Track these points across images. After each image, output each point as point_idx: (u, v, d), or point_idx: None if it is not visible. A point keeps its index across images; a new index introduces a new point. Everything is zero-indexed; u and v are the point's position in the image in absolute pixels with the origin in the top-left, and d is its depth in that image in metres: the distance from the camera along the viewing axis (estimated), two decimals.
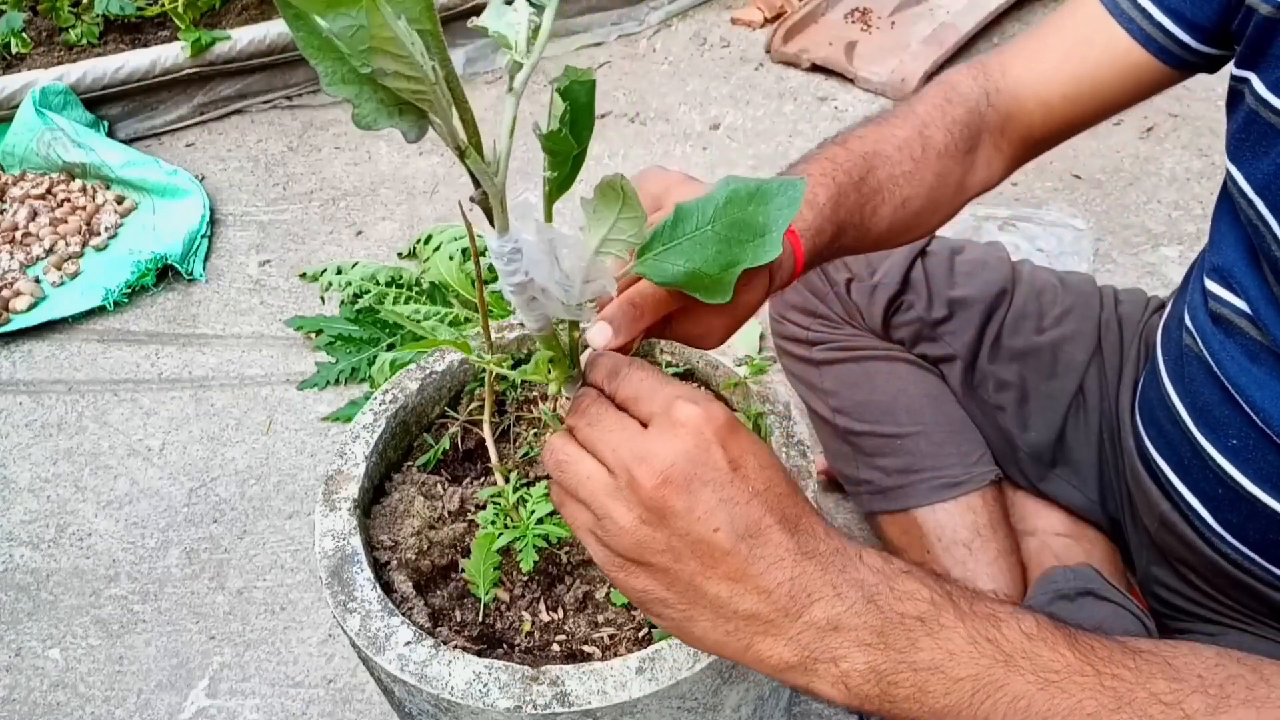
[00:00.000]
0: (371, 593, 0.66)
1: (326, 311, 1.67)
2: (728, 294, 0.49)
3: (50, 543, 1.37)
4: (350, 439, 0.77)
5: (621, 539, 0.47)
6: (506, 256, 0.45)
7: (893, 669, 0.46)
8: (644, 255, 0.50)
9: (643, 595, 0.48)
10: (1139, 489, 0.90)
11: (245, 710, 1.17)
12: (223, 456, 1.47)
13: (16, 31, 2.14)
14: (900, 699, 0.46)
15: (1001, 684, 0.45)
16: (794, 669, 0.47)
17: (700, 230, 0.49)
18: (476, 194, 0.44)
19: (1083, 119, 0.83)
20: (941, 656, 0.46)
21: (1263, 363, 0.72)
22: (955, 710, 0.46)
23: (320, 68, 0.38)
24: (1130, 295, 1.06)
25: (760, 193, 0.49)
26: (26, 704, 1.19)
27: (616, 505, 0.47)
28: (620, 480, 0.47)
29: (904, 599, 0.47)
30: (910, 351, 1.09)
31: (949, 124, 0.81)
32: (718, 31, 2.38)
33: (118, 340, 1.68)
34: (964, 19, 2.19)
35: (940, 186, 0.81)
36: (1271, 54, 0.67)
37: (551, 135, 0.45)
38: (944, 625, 0.46)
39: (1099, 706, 0.45)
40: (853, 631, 0.46)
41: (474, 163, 0.42)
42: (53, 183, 1.93)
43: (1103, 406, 1.01)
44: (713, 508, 0.46)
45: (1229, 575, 0.80)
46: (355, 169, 2.04)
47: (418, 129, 0.41)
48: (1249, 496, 0.74)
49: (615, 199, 0.48)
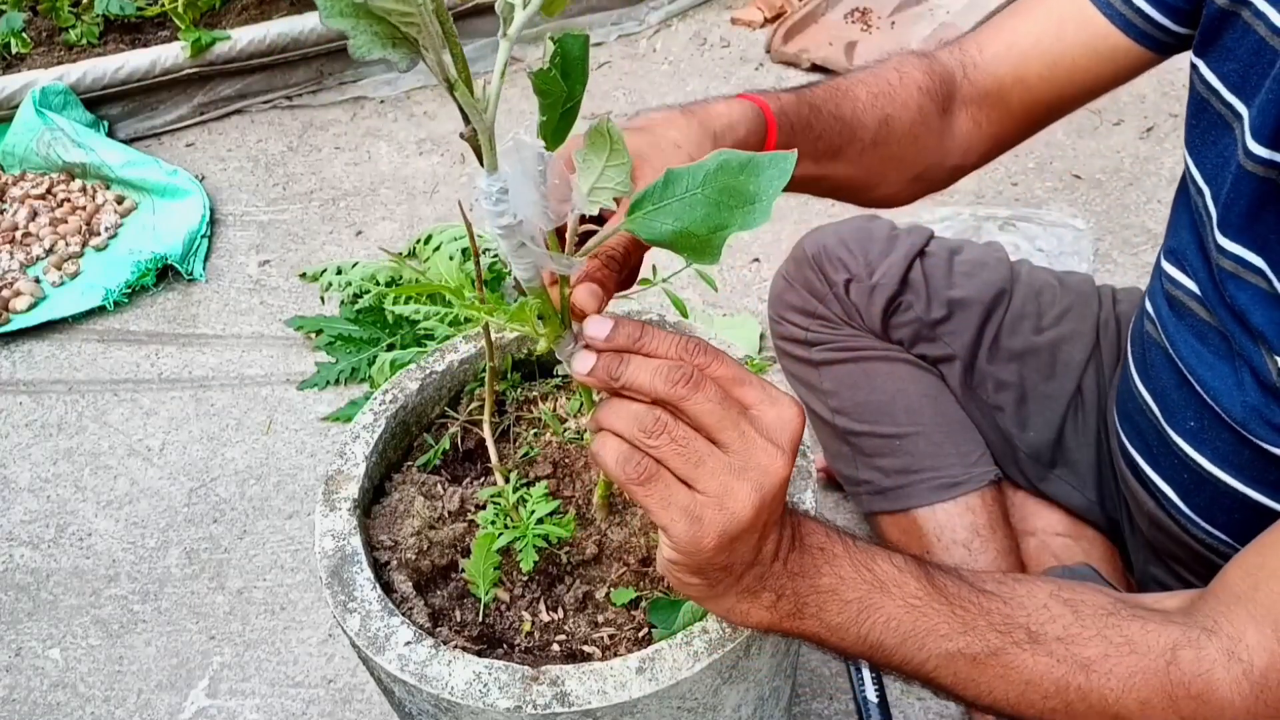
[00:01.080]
0: (371, 593, 0.66)
1: (326, 311, 1.67)
2: (716, 255, 0.50)
3: (50, 543, 1.37)
4: (350, 439, 0.77)
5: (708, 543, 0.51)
6: (495, 196, 0.46)
7: (806, 592, 0.56)
8: (634, 213, 0.51)
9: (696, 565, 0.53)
10: (1128, 487, 0.90)
11: (245, 710, 1.17)
12: (223, 456, 1.47)
13: (16, 31, 2.14)
14: (808, 615, 0.56)
15: (879, 606, 0.56)
16: (746, 601, 0.56)
17: (690, 193, 0.50)
18: (466, 130, 0.45)
19: (1062, 100, 0.83)
20: (835, 581, 0.56)
21: (1210, 342, 0.73)
22: (845, 626, 0.56)
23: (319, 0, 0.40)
24: (1128, 295, 1.06)
25: (751, 164, 0.50)
26: (26, 704, 1.19)
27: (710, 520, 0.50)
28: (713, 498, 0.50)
29: (810, 534, 0.57)
30: (909, 352, 1.09)
31: (925, 69, 0.83)
32: (718, 31, 2.38)
33: (118, 340, 1.68)
34: (964, 19, 2.19)
35: (923, 123, 0.81)
36: (1222, 45, 0.69)
37: (541, 74, 0.47)
38: (835, 555, 0.57)
39: (950, 629, 0.57)
40: (787, 565, 0.56)
41: (463, 96, 0.43)
42: (53, 183, 1.93)
43: (1101, 406, 1.01)
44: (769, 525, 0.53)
45: (1214, 565, 0.81)
46: (355, 169, 2.04)
47: (409, 59, 0.42)
48: (1211, 479, 0.76)
49: (604, 145, 0.49)
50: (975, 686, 0.58)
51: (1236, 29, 0.68)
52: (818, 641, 0.58)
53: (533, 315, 0.52)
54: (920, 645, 0.57)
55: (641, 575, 0.72)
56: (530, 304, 0.52)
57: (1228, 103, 0.69)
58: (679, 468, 0.50)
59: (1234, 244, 0.68)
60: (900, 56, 0.84)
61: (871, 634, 0.56)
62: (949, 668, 0.58)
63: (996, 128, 0.85)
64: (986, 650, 0.57)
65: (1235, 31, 0.68)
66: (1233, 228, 0.68)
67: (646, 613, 0.68)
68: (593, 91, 2.19)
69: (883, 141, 0.79)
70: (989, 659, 0.57)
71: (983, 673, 0.58)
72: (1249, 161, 0.66)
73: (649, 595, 0.70)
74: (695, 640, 0.62)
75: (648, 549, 0.72)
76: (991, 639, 0.57)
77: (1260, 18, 0.65)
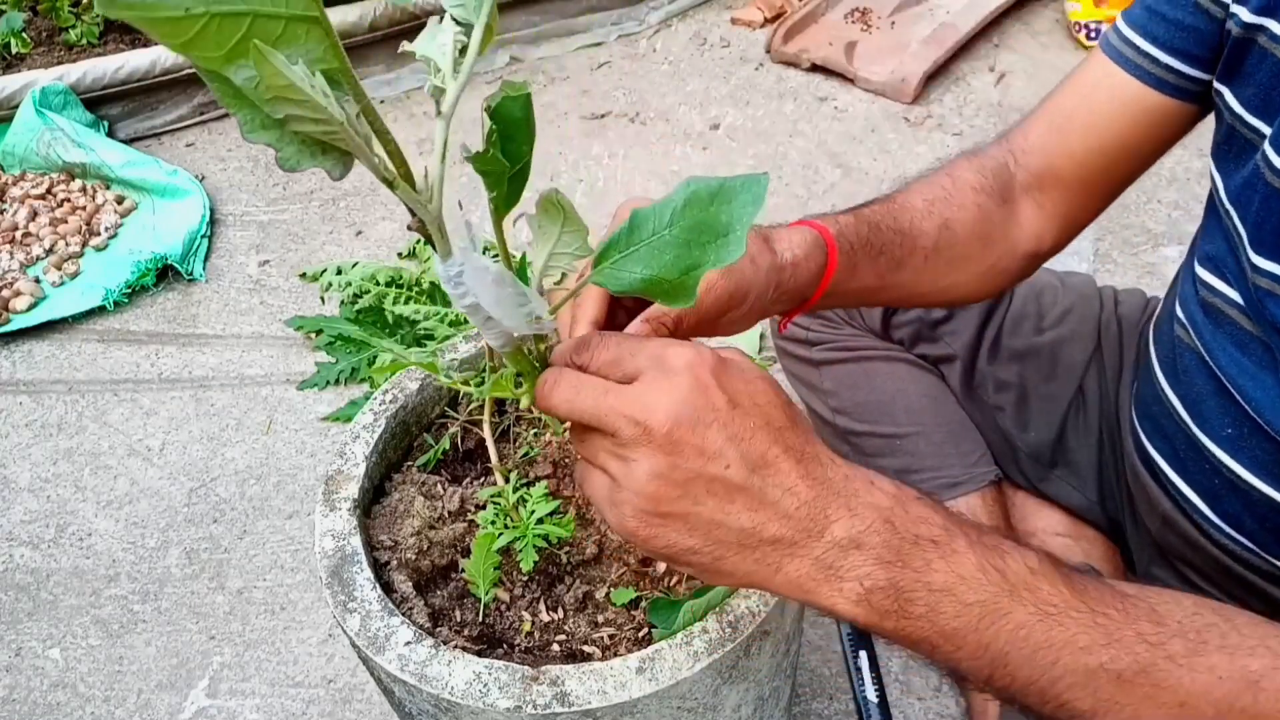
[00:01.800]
0: (371, 593, 0.66)
1: (326, 311, 1.67)
2: (691, 298, 0.47)
3: (50, 543, 1.37)
4: (350, 439, 0.77)
5: (639, 495, 0.47)
6: (452, 281, 0.44)
7: (910, 587, 0.48)
8: (600, 264, 0.49)
9: (670, 549, 0.49)
10: (1140, 488, 0.90)
11: (245, 710, 1.17)
12: (223, 456, 1.47)
13: (16, 31, 2.14)
14: (915, 616, 0.48)
15: (1006, 612, 0.48)
16: (821, 585, 0.48)
17: (658, 235, 0.48)
18: (413, 222, 0.43)
19: (1116, 167, 0.83)
20: (953, 580, 0.48)
21: (1252, 352, 0.72)
22: (963, 633, 0.48)
23: (239, 116, 0.38)
24: (1129, 296, 1.06)
25: (722, 191, 0.48)
26: (26, 704, 1.19)
27: (626, 463, 0.48)
28: (625, 437, 0.47)
29: (918, 522, 0.49)
30: (910, 352, 1.09)
31: (976, 168, 0.84)
32: (718, 31, 2.38)
33: (118, 340, 1.68)
34: (964, 19, 2.19)
35: (983, 220, 0.82)
36: (1244, 71, 0.69)
37: (479, 157, 0.44)
38: (956, 550, 0.48)
39: (1091, 641, 0.48)
40: (873, 549, 0.48)
41: (404, 193, 0.41)
42: (53, 183, 1.93)
43: (1102, 407, 1.01)
44: (721, 446, 0.47)
45: (1230, 571, 0.81)
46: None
47: (341, 166, 0.40)
48: (1245, 486, 0.75)
49: (557, 214, 0.47)
50: (1118, 713, 0.49)
51: (1254, 54, 0.68)
52: (927, 649, 0.50)
53: (510, 383, 0.52)
54: (1054, 660, 0.48)
55: (641, 575, 0.72)
56: (507, 374, 0.52)
57: (1251, 125, 0.70)
58: (589, 457, 0.50)
59: (1269, 262, 0.68)
60: (951, 161, 0.85)
61: (996, 643, 0.48)
62: (1088, 688, 0.49)
63: (1061, 206, 0.85)
64: (1135, 666, 0.48)
65: (1254, 57, 0.68)
66: (1266, 246, 0.68)
67: (646, 613, 0.68)
68: (592, 91, 2.19)
69: (945, 246, 0.80)
70: (1137, 677, 0.48)
71: (1129, 694, 0.48)
72: (1274, 177, 0.66)
73: (649, 595, 0.70)
74: (695, 640, 0.61)
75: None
76: (1141, 652, 0.48)
77: (1277, 41, 0.66)
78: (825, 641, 1.16)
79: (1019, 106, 2.06)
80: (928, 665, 1.13)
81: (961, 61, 2.19)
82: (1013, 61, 2.20)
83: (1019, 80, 2.14)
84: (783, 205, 1.85)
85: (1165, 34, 0.75)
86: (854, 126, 2.05)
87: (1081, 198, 0.84)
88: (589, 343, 0.51)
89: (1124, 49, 0.79)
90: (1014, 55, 2.22)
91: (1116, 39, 0.79)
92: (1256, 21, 0.68)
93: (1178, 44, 0.75)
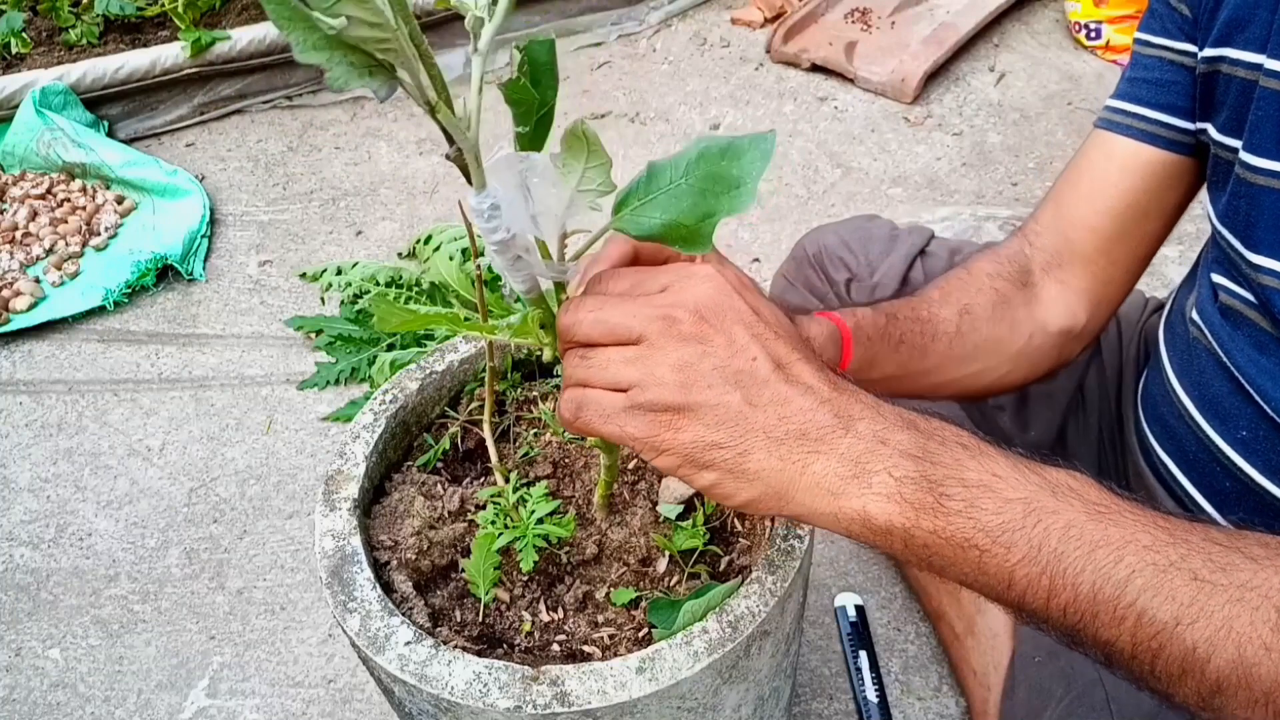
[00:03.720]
0: (371, 593, 0.66)
1: (326, 311, 1.67)
2: (707, 245, 0.49)
3: (50, 543, 1.37)
4: (350, 439, 0.77)
5: (661, 386, 0.48)
6: (486, 213, 0.46)
7: (943, 479, 0.46)
8: (620, 210, 0.51)
9: (693, 447, 0.48)
10: (1142, 487, 0.90)
11: (245, 710, 1.17)
12: (223, 456, 1.47)
13: (16, 31, 2.14)
14: (954, 511, 0.45)
15: (1053, 510, 0.44)
16: (849, 484, 0.47)
17: (675, 184, 0.50)
18: (451, 151, 0.45)
19: (1132, 232, 0.84)
20: (989, 477, 0.46)
21: (1270, 352, 0.73)
22: (1009, 529, 0.44)
23: (292, 37, 0.39)
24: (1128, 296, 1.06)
25: (731, 148, 0.50)
26: (26, 704, 1.19)
27: (646, 362, 0.48)
28: (651, 335, 0.48)
29: (942, 428, 0.48)
30: None
31: (991, 258, 0.86)
32: (718, 31, 2.38)
33: (118, 340, 1.68)
34: (964, 19, 2.19)
35: (1003, 303, 0.84)
36: (1215, 101, 0.74)
37: (512, 84, 0.47)
38: (985, 453, 0.47)
39: (1154, 540, 0.43)
40: (899, 444, 0.47)
41: (444, 117, 0.43)
42: (53, 183, 1.93)
43: (1102, 406, 1.01)
44: (746, 341, 0.48)
45: None
46: (355, 169, 2.04)
47: (387, 87, 0.42)
48: (1258, 489, 0.75)
49: (581, 148, 0.48)
50: (1205, 623, 0.41)
51: (1220, 83, 0.73)
52: (975, 557, 0.44)
53: (535, 327, 0.53)
54: (1118, 557, 0.42)
55: (641, 575, 0.72)
56: (532, 315, 0.52)
57: (1228, 146, 0.73)
58: (598, 380, 0.50)
59: (1266, 259, 0.70)
60: (968, 257, 0.89)
61: (1048, 542, 0.43)
62: (1163, 591, 0.42)
63: (1085, 280, 0.86)
64: (1212, 565, 0.42)
65: (1220, 85, 0.73)
66: (1262, 244, 0.70)
67: (646, 613, 0.68)
68: (593, 91, 2.19)
69: (968, 330, 0.82)
70: (1217, 576, 0.42)
71: (1214, 597, 0.41)
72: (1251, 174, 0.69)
73: (649, 595, 0.70)
74: (695, 640, 0.61)
75: (647, 549, 0.72)
76: (1215, 553, 0.42)
77: (1237, 64, 0.71)
78: (825, 641, 1.16)
79: (1019, 106, 2.06)
80: (928, 665, 1.13)
81: (961, 61, 2.19)
82: (1013, 61, 2.20)
83: (1019, 80, 2.14)
84: (783, 205, 1.85)
85: (1149, 94, 0.80)
86: (854, 126, 2.05)
87: (1105, 268, 0.86)
88: (605, 275, 0.52)
89: (1115, 117, 0.83)
90: (1014, 55, 2.22)
91: (1107, 113, 0.84)
92: (1215, 54, 0.72)
93: (1163, 100, 0.79)
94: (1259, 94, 0.69)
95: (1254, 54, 0.70)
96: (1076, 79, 2.12)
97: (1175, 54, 0.78)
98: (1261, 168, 0.69)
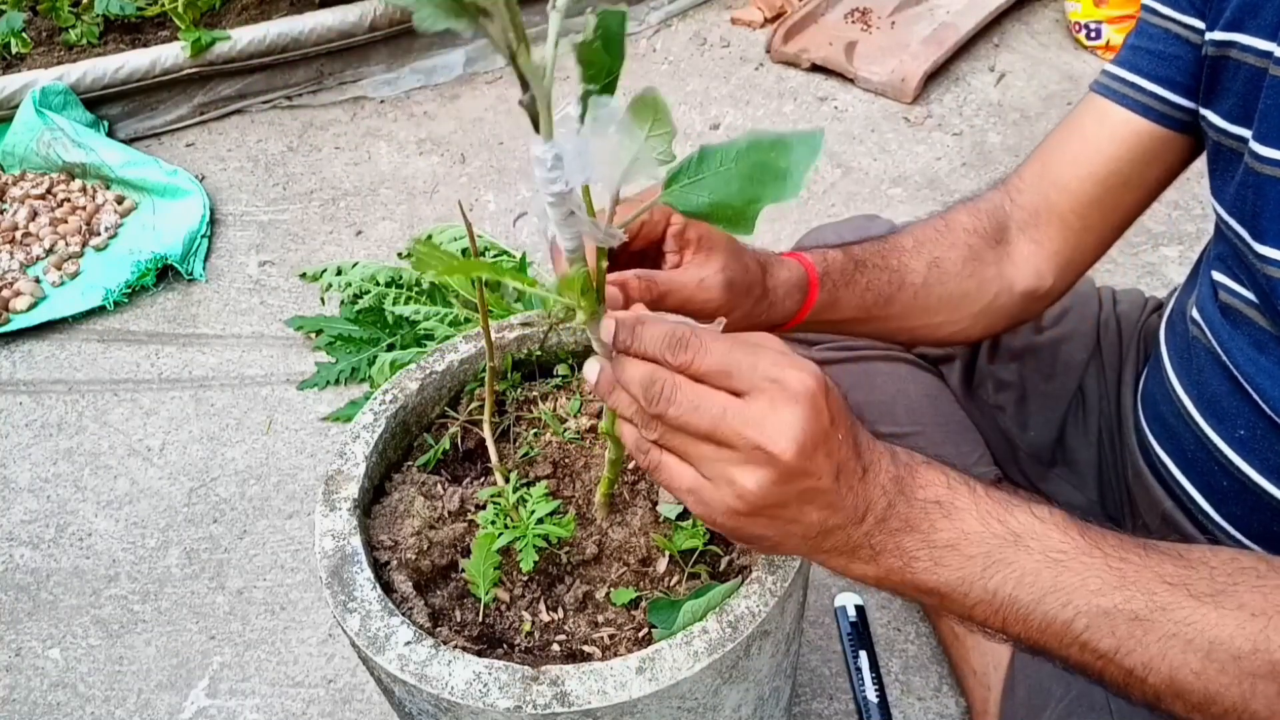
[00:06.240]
0: (371, 593, 0.66)
1: (326, 311, 1.67)
2: (750, 228, 0.52)
3: (50, 543, 1.37)
4: (350, 439, 0.77)
5: (741, 499, 0.50)
6: (550, 162, 0.47)
7: (915, 547, 0.52)
8: (670, 186, 0.54)
9: (741, 535, 0.53)
10: (1141, 486, 0.90)
11: (245, 710, 1.17)
12: (223, 456, 1.47)
13: (16, 31, 2.14)
14: (920, 570, 0.52)
15: (1010, 561, 0.51)
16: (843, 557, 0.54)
17: (725, 167, 0.53)
18: (525, 98, 0.47)
19: (1112, 200, 0.84)
20: (956, 536, 0.52)
21: (1270, 352, 0.73)
22: (967, 580, 0.51)
23: None
24: (1128, 295, 1.06)
25: (780, 142, 0.52)
26: (26, 704, 1.19)
27: (734, 471, 0.50)
28: (743, 455, 0.49)
29: (925, 486, 0.54)
30: (910, 351, 1.09)
31: (970, 211, 0.87)
32: (718, 31, 2.38)
33: (118, 340, 1.68)
34: (964, 19, 2.19)
35: (975, 259, 0.84)
36: (1221, 87, 0.73)
37: (585, 45, 0.50)
38: (958, 508, 0.53)
39: (1102, 584, 0.49)
40: (888, 522, 0.53)
41: (524, 63, 0.45)
42: (53, 183, 1.93)
43: (1102, 406, 1.01)
44: (822, 464, 0.51)
45: None
46: (355, 169, 2.04)
47: (473, 28, 0.44)
48: (1255, 488, 0.75)
49: (648, 114, 0.50)
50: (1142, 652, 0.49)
51: (1229, 69, 0.72)
52: (939, 601, 0.53)
53: (578, 286, 0.53)
54: (1065, 601, 0.50)
55: (641, 575, 0.72)
56: (579, 272, 0.53)
57: (1234, 135, 0.73)
58: (710, 473, 0.52)
59: (1273, 249, 0.69)
60: (949, 207, 0.89)
61: (1002, 589, 0.51)
62: (1104, 626, 0.49)
63: (1059, 243, 0.86)
64: (1152, 605, 0.48)
65: (1228, 71, 0.72)
66: (1269, 235, 0.70)
67: (646, 613, 0.68)
68: None
69: (935, 282, 0.83)
70: (1156, 615, 0.48)
71: (1150, 632, 0.49)
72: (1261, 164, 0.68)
73: (649, 595, 0.70)
74: (695, 640, 0.62)
75: (648, 549, 0.72)
76: (1160, 592, 0.49)
77: (1248, 50, 0.70)
78: (825, 641, 1.16)
79: (1019, 106, 2.06)
80: (928, 665, 1.13)
81: (961, 61, 2.19)
82: (1013, 61, 2.20)
83: (1019, 80, 2.14)
84: (783, 204, 1.85)
85: (1149, 65, 0.80)
86: (854, 126, 2.05)
87: (1079, 233, 0.86)
88: (686, 341, 0.51)
89: (1111, 84, 0.82)
90: (1014, 55, 2.22)
91: (1104, 78, 0.83)
92: (1226, 38, 0.72)
93: (1162, 73, 0.79)
94: (1269, 82, 0.68)
95: (1265, 41, 0.69)
96: (1076, 79, 2.12)
97: (1182, 28, 0.77)
98: (1270, 157, 0.68)
